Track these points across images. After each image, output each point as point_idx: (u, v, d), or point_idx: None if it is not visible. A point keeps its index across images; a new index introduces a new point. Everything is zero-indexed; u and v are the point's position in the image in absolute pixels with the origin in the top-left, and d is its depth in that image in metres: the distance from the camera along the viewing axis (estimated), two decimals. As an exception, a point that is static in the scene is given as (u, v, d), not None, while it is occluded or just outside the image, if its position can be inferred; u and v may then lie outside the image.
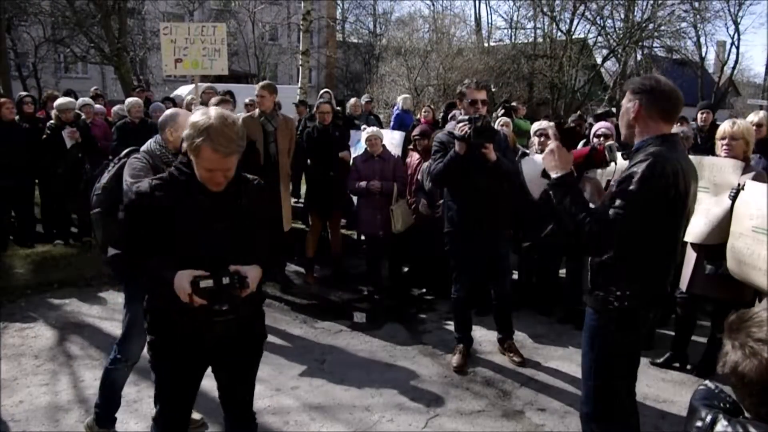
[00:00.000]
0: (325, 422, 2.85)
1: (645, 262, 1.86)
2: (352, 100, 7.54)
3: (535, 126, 4.26)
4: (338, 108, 6.57)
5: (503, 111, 6.69)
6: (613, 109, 8.66)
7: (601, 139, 3.77)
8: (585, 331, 2.02)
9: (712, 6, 19.73)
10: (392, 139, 5.68)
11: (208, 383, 2.05)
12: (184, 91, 10.83)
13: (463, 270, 3.45)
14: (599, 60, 20.58)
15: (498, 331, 3.65)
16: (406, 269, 5.03)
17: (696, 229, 2.96)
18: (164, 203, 1.76)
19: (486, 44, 20.23)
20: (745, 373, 0.79)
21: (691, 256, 3.14)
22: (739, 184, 2.85)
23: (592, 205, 1.89)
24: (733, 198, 2.84)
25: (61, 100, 5.69)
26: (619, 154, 2.12)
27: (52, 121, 5.56)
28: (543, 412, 2.98)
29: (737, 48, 22.75)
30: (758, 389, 0.79)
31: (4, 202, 5.54)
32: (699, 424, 0.85)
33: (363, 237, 5.16)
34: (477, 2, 29.02)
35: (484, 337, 3.84)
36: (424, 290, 4.76)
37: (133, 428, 2.76)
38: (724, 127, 3.06)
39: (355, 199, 4.97)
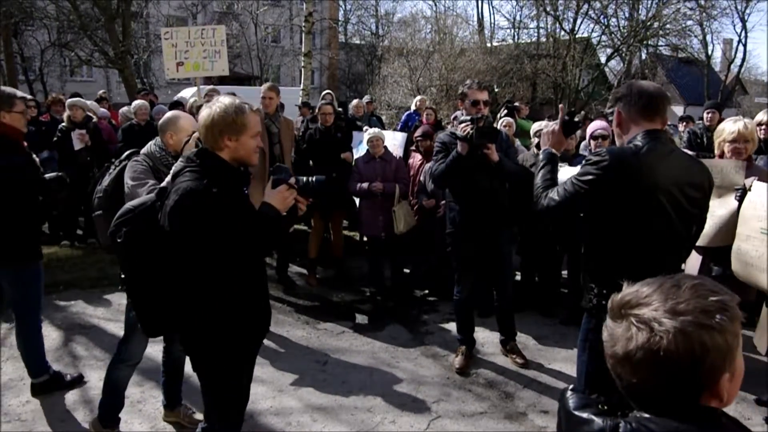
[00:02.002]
0: (327, 423, 2.86)
1: (617, 259, 1.85)
2: (355, 102, 7.54)
3: (535, 126, 4.25)
4: (340, 109, 6.57)
5: (506, 111, 6.67)
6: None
7: (599, 140, 3.73)
8: (580, 333, 2.01)
9: (718, 3, 19.57)
10: (394, 140, 5.69)
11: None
12: (187, 93, 10.87)
13: (465, 271, 3.45)
14: (603, 59, 20.55)
15: (500, 332, 3.64)
16: (408, 270, 5.03)
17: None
18: (225, 196, 1.75)
19: (489, 44, 20.23)
20: (660, 348, 0.78)
21: (694, 258, 3.12)
22: (744, 185, 2.83)
23: None
24: (740, 198, 2.81)
25: (73, 99, 5.79)
26: None
27: (63, 124, 5.61)
28: (546, 414, 2.96)
29: (744, 46, 22.65)
30: (674, 363, 0.78)
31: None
32: None
33: (365, 238, 5.16)
34: (479, 2, 29.11)
35: (487, 339, 3.83)
36: (426, 291, 4.76)
37: (137, 428, 2.78)
38: (737, 128, 2.96)
39: (357, 200, 4.98)
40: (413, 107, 7.80)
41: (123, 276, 1.97)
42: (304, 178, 1.96)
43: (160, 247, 1.79)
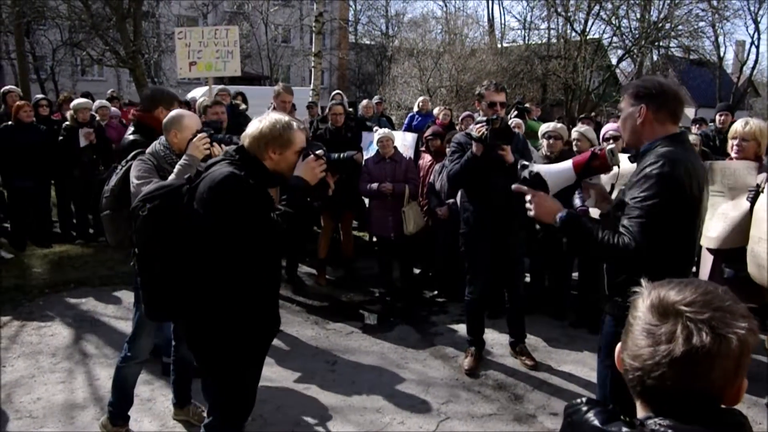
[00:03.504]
0: (336, 423, 2.85)
1: (663, 266, 1.80)
2: (364, 102, 7.53)
3: (543, 128, 4.22)
4: (350, 109, 6.57)
5: (516, 112, 6.61)
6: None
7: (610, 141, 3.73)
8: (603, 337, 1.95)
9: (731, 5, 19.33)
10: (404, 141, 5.68)
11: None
12: (197, 93, 10.95)
13: (477, 272, 3.43)
14: (614, 60, 20.35)
15: (510, 334, 3.62)
16: (417, 271, 5.01)
17: (714, 233, 2.90)
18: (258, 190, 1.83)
19: (499, 45, 20.13)
20: (723, 349, 0.78)
21: (706, 260, 3.09)
22: (758, 185, 2.80)
23: (596, 211, 1.83)
24: (753, 199, 2.78)
25: (78, 100, 5.81)
26: (624, 157, 2.08)
27: (67, 122, 5.66)
28: (555, 416, 2.94)
29: (757, 47, 22.21)
30: (726, 363, 0.79)
31: (23, 203, 5.65)
32: None
33: (374, 239, 5.16)
34: (490, 3, 28.97)
35: (496, 340, 3.81)
36: (436, 292, 4.74)
37: (147, 426, 2.79)
38: (736, 126, 3.02)
39: (366, 200, 4.98)
40: (416, 108, 7.82)
41: (136, 251, 1.95)
42: (335, 155, 1.98)
43: (181, 229, 1.80)
